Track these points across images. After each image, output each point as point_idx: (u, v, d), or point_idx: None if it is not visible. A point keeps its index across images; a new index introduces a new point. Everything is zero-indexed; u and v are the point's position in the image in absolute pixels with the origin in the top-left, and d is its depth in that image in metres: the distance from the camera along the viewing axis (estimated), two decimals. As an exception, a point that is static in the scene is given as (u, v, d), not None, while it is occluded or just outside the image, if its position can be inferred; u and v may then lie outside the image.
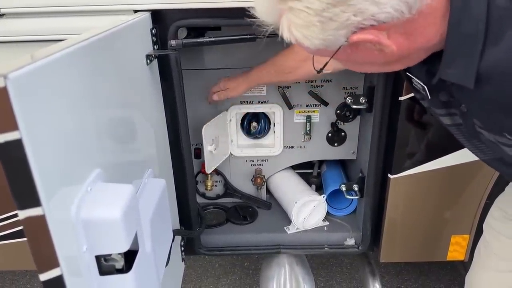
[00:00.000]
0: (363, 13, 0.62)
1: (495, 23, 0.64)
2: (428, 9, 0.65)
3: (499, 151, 0.81)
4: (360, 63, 0.78)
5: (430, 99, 0.86)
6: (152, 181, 1.12)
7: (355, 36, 0.65)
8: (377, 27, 0.64)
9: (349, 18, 0.63)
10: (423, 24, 0.67)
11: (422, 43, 0.71)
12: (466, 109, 0.79)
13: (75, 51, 0.74)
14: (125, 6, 1.20)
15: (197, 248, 1.61)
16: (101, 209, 0.71)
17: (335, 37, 0.65)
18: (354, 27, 0.64)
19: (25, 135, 0.56)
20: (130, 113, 1.07)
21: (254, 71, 1.47)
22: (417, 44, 0.70)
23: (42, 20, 1.23)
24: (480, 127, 0.80)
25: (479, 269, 1.20)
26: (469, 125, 0.82)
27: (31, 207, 0.59)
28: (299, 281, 1.63)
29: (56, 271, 0.64)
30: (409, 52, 0.71)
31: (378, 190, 1.52)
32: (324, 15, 0.63)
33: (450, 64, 0.70)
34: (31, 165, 0.57)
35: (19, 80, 0.56)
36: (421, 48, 0.72)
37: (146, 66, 1.16)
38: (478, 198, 1.46)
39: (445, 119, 0.89)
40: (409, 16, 0.64)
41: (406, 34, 0.68)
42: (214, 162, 1.64)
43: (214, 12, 1.23)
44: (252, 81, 1.49)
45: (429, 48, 0.72)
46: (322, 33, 0.65)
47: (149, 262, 0.95)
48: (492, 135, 0.78)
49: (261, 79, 1.47)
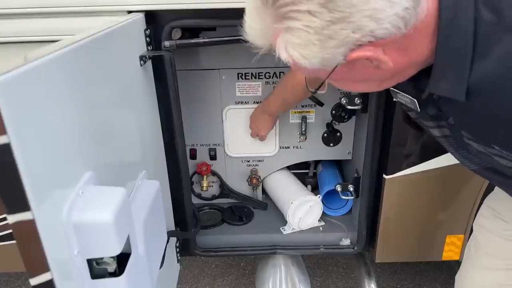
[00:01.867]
0: (362, 30, 0.62)
1: (482, 38, 0.65)
2: (422, 25, 0.66)
3: (489, 161, 0.82)
4: (355, 81, 0.77)
5: (420, 112, 0.87)
6: (146, 183, 1.11)
7: (353, 54, 0.65)
8: (374, 43, 0.64)
9: (348, 35, 0.62)
10: (417, 39, 0.68)
11: (416, 58, 0.71)
12: (454, 122, 0.80)
13: (67, 53, 0.74)
14: (119, 7, 1.20)
15: (193, 249, 1.60)
16: (92, 213, 0.71)
17: (333, 55, 0.65)
18: (353, 44, 0.64)
19: (13, 139, 0.55)
20: (124, 114, 1.07)
21: (269, 102, 1.53)
22: (411, 59, 0.71)
23: (36, 21, 1.22)
24: (468, 139, 0.81)
25: (470, 268, 1.20)
26: (457, 137, 0.83)
27: (21, 211, 0.58)
28: (295, 282, 1.63)
29: (46, 276, 0.63)
30: (404, 67, 0.72)
31: (374, 191, 1.52)
32: (324, 33, 0.62)
33: (439, 78, 0.71)
34: (20, 169, 0.56)
35: (7, 84, 0.55)
36: (414, 63, 0.72)
37: (140, 67, 1.16)
38: (473, 198, 1.46)
39: (434, 131, 0.90)
40: (405, 32, 0.64)
41: (401, 49, 0.68)
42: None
43: (209, 12, 1.23)
44: (272, 112, 1.56)
45: (421, 63, 0.73)
46: (321, 51, 0.64)
47: (142, 265, 0.95)
48: (481, 146, 0.79)
49: (280, 106, 1.52)
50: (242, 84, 1.64)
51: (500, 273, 1.13)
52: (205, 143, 1.75)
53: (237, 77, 1.62)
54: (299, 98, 1.48)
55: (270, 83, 1.64)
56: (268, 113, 1.57)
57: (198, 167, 1.76)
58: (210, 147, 1.76)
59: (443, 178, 1.43)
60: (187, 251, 1.61)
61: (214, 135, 1.73)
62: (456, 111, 0.77)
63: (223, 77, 1.62)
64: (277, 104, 1.52)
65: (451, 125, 0.82)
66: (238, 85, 1.64)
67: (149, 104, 1.27)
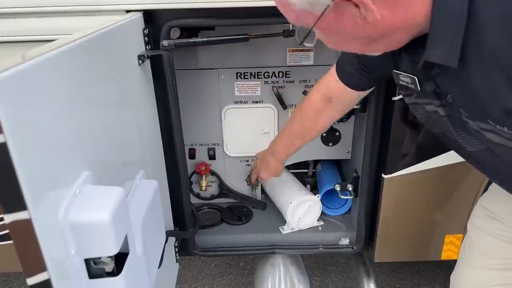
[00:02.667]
0: None
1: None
2: None
3: (484, 140, 0.82)
4: (341, 36, 0.76)
5: (420, 91, 0.86)
6: (144, 183, 1.11)
7: None
8: None
9: None
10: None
11: (406, 19, 0.70)
12: (452, 99, 0.80)
13: (65, 52, 0.74)
14: (117, 6, 1.19)
15: (192, 248, 1.60)
16: (89, 212, 0.71)
17: None
18: None
19: (10, 138, 0.55)
20: (122, 114, 1.07)
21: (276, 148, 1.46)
22: (401, 18, 0.70)
23: (33, 20, 1.22)
24: (465, 117, 0.80)
25: (465, 267, 1.21)
26: (456, 116, 0.83)
27: (17, 211, 0.58)
28: (294, 281, 1.63)
29: (43, 275, 0.63)
30: (392, 29, 0.71)
31: (372, 190, 1.52)
32: None
33: (435, 44, 0.71)
34: (17, 168, 0.56)
35: (4, 82, 0.55)
36: (404, 26, 0.72)
37: (138, 67, 1.15)
38: (472, 197, 1.46)
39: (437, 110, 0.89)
40: None
41: (391, 5, 0.68)
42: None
43: (207, 12, 1.23)
44: (280, 158, 1.47)
45: (413, 27, 0.72)
46: None
47: (140, 265, 0.94)
48: (477, 124, 0.79)
49: (288, 151, 1.44)
50: (241, 84, 1.64)
51: (495, 273, 1.13)
52: (204, 143, 1.75)
53: (235, 77, 1.62)
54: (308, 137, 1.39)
55: (268, 83, 1.63)
56: (276, 158, 1.48)
57: (197, 166, 1.76)
58: (209, 147, 1.76)
59: (442, 177, 1.43)
60: (186, 251, 1.61)
61: (213, 135, 1.73)
62: (452, 86, 0.77)
63: (221, 76, 1.62)
64: (285, 150, 1.44)
65: (449, 103, 0.82)
66: (237, 85, 1.64)
67: (148, 104, 1.27)
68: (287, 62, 1.60)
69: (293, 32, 1.46)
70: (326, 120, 1.33)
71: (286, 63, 1.60)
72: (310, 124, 1.32)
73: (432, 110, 0.89)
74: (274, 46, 1.56)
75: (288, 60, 1.60)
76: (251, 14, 1.22)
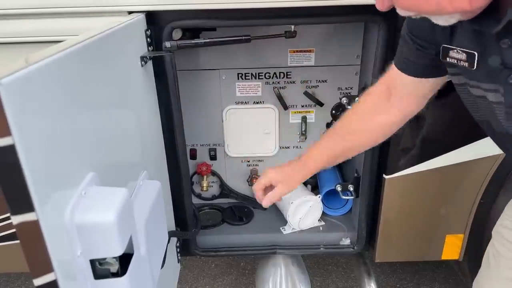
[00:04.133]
0: None
1: None
2: None
3: None
4: None
5: (476, 70, 0.78)
6: (147, 183, 1.11)
7: None
8: None
9: None
10: None
11: None
12: None
13: (69, 55, 0.74)
14: (119, 8, 1.20)
15: (193, 249, 1.61)
16: (95, 213, 0.71)
17: None
18: None
19: (18, 141, 0.55)
20: (125, 115, 1.07)
21: (308, 156, 1.17)
22: None
23: (36, 22, 1.22)
24: None
25: (489, 276, 1.14)
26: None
27: (25, 212, 0.58)
28: (294, 281, 1.64)
29: (50, 276, 0.64)
30: None
31: (373, 190, 1.52)
32: None
33: None
34: (24, 170, 0.56)
35: (12, 86, 0.55)
36: None
37: (140, 68, 1.16)
38: (472, 197, 1.47)
39: (485, 95, 0.80)
40: None
41: None
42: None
43: (209, 13, 1.23)
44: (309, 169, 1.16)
45: None
46: None
47: (144, 265, 0.95)
48: None
49: (320, 160, 1.16)
50: (242, 84, 1.64)
51: None
52: (205, 143, 1.76)
53: (237, 77, 1.63)
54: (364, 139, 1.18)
55: (270, 83, 1.64)
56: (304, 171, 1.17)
57: (198, 167, 1.76)
58: (210, 147, 1.76)
59: (443, 177, 1.44)
60: (188, 251, 1.61)
61: (214, 135, 1.73)
62: None
63: (223, 77, 1.62)
64: (323, 158, 1.16)
65: (510, 85, 0.73)
66: (238, 85, 1.64)
67: (150, 105, 1.27)
68: (288, 63, 1.61)
69: (294, 33, 1.46)
70: (370, 136, 1.14)
71: (287, 64, 1.61)
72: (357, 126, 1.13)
73: (479, 94, 0.81)
74: (275, 47, 1.57)
75: (289, 61, 1.60)
76: (253, 15, 1.22)
